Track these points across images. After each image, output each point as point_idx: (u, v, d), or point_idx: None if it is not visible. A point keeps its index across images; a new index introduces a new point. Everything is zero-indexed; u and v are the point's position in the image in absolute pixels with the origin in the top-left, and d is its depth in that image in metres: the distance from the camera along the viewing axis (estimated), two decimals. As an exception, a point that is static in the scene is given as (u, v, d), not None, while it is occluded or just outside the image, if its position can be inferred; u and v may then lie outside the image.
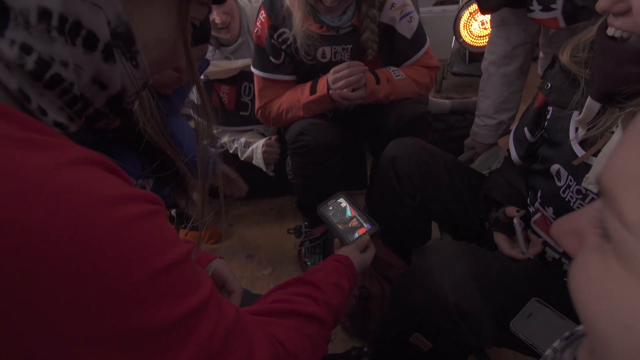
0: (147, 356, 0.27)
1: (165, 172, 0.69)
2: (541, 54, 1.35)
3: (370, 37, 1.09)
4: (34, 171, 0.24)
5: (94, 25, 0.30)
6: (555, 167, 0.70)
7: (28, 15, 0.27)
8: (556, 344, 0.35)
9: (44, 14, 0.27)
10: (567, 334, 0.35)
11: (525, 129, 0.80)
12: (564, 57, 0.66)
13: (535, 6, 0.93)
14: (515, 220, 0.72)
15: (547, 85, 0.72)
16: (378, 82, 1.09)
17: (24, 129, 0.25)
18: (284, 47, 1.12)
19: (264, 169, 1.39)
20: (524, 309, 0.54)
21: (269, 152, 1.36)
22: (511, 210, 0.75)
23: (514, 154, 0.84)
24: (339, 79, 1.05)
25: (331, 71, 1.07)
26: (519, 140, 0.83)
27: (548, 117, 0.74)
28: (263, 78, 1.18)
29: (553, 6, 0.88)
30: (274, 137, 1.38)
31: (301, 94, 1.14)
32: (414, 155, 0.91)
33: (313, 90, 1.12)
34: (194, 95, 1.41)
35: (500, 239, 0.77)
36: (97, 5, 0.29)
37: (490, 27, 1.25)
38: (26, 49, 0.27)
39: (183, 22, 0.37)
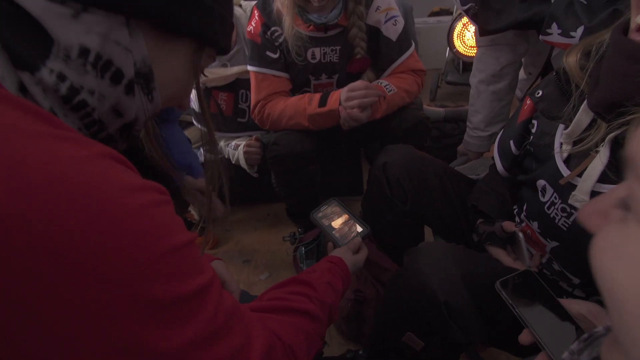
0: (154, 328, 0.29)
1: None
2: (522, 74, 1.37)
3: (358, 34, 1.11)
4: (70, 160, 0.27)
5: (123, 64, 0.35)
6: (541, 182, 0.70)
7: (70, 50, 0.32)
8: (574, 345, 0.35)
9: (84, 52, 0.33)
10: (585, 335, 0.35)
11: (511, 142, 0.80)
12: (571, 59, 0.63)
13: (554, 30, 0.91)
14: (521, 236, 0.72)
15: (538, 93, 0.72)
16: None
17: (56, 127, 0.29)
18: (277, 44, 1.15)
19: (248, 170, 1.39)
20: (516, 274, 0.54)
21: (249, 152, 1.34)
22: (509, 225, 0.75)
23: (499, 166, 0.84)
24: (353, 98, 1.04)
25: (346, 87, 1.07)
26: (504, 152, 0.83)
27: (533, 131, 0.74)
28: (260, 73, 1.18)
29: (572, 34, 0.86)
30: (254, 137, 1.36)
31: (308, 104, 1.13)
32: (404, 161, 0.93)
33: (323, 103, 1.11)
34: (194, 104, 1.44)
35: (500, 254, 0.76)
36: (128, 49, 0.35)
37: (477, 46, 1.27)
38: (61, 77, 0.32)
39: (196, 70, 0.43)
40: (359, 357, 0.96)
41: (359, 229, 0.80)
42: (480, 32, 1.15)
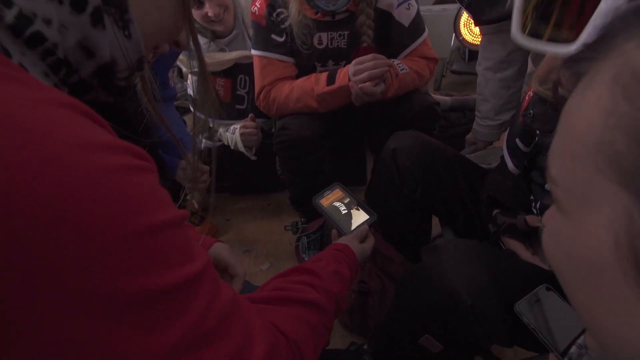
0: (129, 329, 0.24)
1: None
2: (531, 66, 1.32)
3: (366, 21, 1.06)
4: (2, 103, 0.21)
5: None
6: (547, 186, 0.68)
7: None
8: (581, 340, 0.35)
9: None
10: None
11: (518, 141, 0.78)
12: (535, 85, 0.65)
13: None
14: None
15: (530, 113, 0.71)
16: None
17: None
18: (283, 26, 1.10)
19: (245, 153, 1.34)
20: (532, 294, 0.52)
21: (245, 133, 1.29)
22: (534, 220, 0.71)
23: (510, 165, 0.81)
24: (362, 71, 0.99)
25: (353, 62, 1.02)
26: (513, 151, 0.80)
27: (538, 131, 0.72)
28: (264, 58, 1.13)
29: None
30: (249, 117, 1.30)
31: (316, 84, 1.08)
32: (415, 148, 0.89)
33: (331, 81, 1.06)
34: (191, 88, 1.39)
35: (518, 247, 0.73)
36: None
37: (481, 34, 1.23)
38: (6, 2, 0.25)
39: None
40: (363, 352, 0.92)
41: (365, 216, 0.76)
42: (475, 22, 1.11)
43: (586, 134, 0.19)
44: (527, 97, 0.76)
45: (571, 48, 0.42)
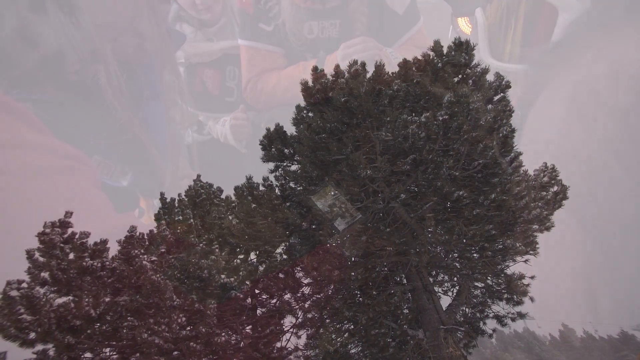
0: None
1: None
2: None
3: (359, 8, 1.02)
4: None
5: None
6: None
7: None
8: None
9: None
10: None
11: None
12: None
13: None
14: None
15: None
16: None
17: None
18: (271, 15, 1.05)
19: (236, 146, 1.28)
20: None
21: (236, 125, 1.25)
22: None
23: None
24: (351, 55, 0.95)
25: (342, 46, 0.98)
26: None
27: None
28: (252, 48, 1.09)
29: None
30: (240, 108, 1.27)
31: (304, 72, 1.05)
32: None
33: (320, 69, 1.03)
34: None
35: None
36: None
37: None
38: None
39: None
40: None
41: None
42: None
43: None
44: None
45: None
